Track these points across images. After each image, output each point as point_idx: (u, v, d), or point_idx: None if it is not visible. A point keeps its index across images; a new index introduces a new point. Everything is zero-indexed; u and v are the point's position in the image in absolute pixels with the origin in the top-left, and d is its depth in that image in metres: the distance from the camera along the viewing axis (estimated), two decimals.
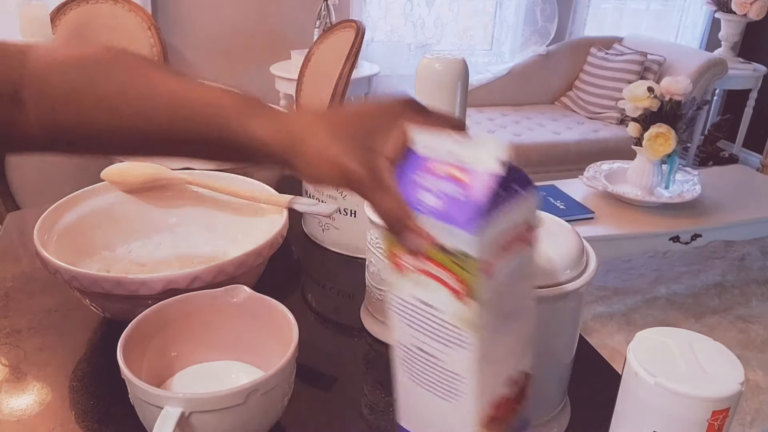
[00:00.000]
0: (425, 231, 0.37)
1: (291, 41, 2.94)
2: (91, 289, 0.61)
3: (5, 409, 0.58)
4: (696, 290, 2.42)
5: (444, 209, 0.37)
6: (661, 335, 0.43)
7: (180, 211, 0.81)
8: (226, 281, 0.61)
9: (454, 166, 0.37)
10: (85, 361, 0.65)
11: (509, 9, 3.33)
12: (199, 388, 0.56)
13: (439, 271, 0.38)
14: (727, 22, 3.36)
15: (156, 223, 0.80)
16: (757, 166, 3.50)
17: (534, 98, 3.43)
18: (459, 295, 0.37)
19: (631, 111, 2.08)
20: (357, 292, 0.77)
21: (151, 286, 0.60)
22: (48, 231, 0.70)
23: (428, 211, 0.37)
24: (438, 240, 0.37)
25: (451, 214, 0.36)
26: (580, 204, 2.12)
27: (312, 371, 0.65)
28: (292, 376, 0.54)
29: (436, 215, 0.37)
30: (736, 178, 2.53)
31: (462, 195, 0.36)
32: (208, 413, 0.48)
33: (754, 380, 1.93)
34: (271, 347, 0.56)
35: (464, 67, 0.70)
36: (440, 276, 0.38)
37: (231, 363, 0.60)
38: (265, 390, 0.50)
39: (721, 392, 0.39)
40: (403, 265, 0.39)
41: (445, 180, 0.37)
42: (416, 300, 0.40)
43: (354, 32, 2.08)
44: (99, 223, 0.76)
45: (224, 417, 0.49)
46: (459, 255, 0.36)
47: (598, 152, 2.90)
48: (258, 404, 0.50)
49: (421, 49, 3.21)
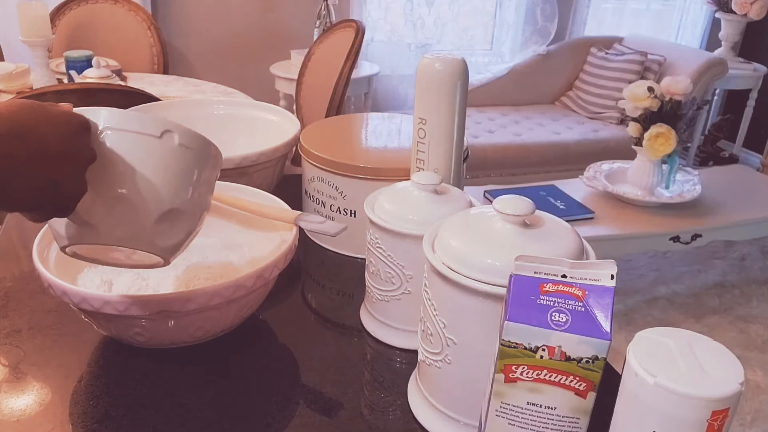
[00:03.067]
0: (555, 346, 0.43)
1: (291, 41, 2.95)
2: (80, 306, 0.59)
3: (5, 409, 0.59)
4: (696, 290, 2.42)
5: (574, 323, 0.42)
6: (661, 335, 0.43)
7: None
8: (220, 304, 0.61)
9: (571, 285, 0.44)
10: (84, 362, 0.66)
11: (509, 9, 3.33)
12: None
13: (558, 377, 0.44)
14: (728, 22, 3.36)
15: None
16: (757, 166, 3.50)
17: (534, 98, 3.43)
18: (581, 392, 0.44)
19: (631, 111, 2.08)
20: (357, 292, 0.77)
21: (141, 306, 0.58)
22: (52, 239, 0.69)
23: (560, 327, 0.42)
24: (566, 351, 0.43)
25: (582, 327, 0.42)
26: (580, 204, 2.12)
27: (311, 371, 0.65)
28: (213, 161, 0.53)
29: (567, 329, 0.42)
30: (737, 178, 2.53)
31: (584, 308, 0.43)
32: (119, 132, 0.47)
33: (754, 380, 1.93)
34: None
35: (464, 67, 0.70)
36: (559, 381, 0.44)
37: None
38: (183, 141, 0.49)
39: (721, 392, 0.39)
40: (518, 378, 0.44)
41: (567, 298, 0.43)
42: (528, 404, 0.45)
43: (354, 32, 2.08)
44: None
45: (136, 144, 0.48)
46: (588, 360, 0.43)
47: (598, 152, 2.90)
48: (172, 154, 0.49)
49: (421, 49, 3.21)
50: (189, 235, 0.55)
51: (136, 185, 0.48)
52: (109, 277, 0.73)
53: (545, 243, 0.51)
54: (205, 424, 0.58)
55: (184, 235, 0.54)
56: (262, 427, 0.58)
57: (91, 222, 0.49)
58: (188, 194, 0.52)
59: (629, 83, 2.20)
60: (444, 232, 0.54)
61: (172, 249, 0.54)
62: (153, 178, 0.49)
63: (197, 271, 0.75)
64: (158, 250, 0.52)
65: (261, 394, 0.62)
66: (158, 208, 0.49)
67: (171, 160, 0.50)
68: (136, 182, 0.48)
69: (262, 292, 0.67)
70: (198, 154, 0.52)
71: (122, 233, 0.49)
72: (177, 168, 0.50)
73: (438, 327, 0.54)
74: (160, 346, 0.65)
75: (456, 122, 0.71)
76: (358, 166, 0.84)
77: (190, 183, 0.52)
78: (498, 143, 2.86)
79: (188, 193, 0.52)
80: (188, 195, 0.52)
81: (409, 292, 0.66)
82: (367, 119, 1.12)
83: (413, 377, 0.63)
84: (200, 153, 0.53)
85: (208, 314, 0.62)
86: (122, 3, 2.40)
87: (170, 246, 0.53)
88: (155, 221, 0.50)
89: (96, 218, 0.49)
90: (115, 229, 0.49)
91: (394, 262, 0.65)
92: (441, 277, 0.51)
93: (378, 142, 0.99)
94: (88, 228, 0.49)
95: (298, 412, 0.60)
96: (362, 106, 3.06)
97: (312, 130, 0.97)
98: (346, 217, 0.87)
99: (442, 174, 0.73)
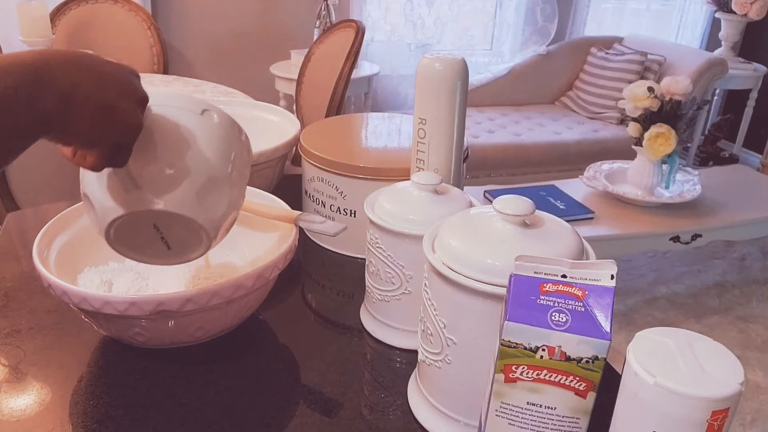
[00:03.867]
0: (555, 346, 0.43)
1: (291, 41, 2.94)
2: (80, 306, 0.59)
3: (5, 409, 0.59)
4: (696, 290, 2.42)
5: (574, 323, 0.43)
6: (661, 335, 0.43)
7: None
8: (220, 304, 0.61)
9: (571, 285, 0.44)
10: (84, 362, 0.66)
11: (509, 9, 3.33)
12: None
13: (558, 377, 0.44)
14: (728, 22, 3.36)
15: None
16: (757, 166, 3.50)
17: (534, 98, 3.43)
18: (581, 392, 0.44)
19: (631, 111, 2.08)
20: (357, 292, 0.77)
21: (140, 306, 0.58)
22: (52, 239, 0.69)
23: (560, 327, 0.43)
24: (566, 351, 0.43)
25: (582, 327, 0.42)
26: (580, 204, 2.12)
27: (312, 371, 0.65)
28: (246, 146, 0.57)
29: (567, 329, 0.42)
30: (737, 178, 2.53)
31: (584, 308, 0.43)
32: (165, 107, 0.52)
33: (754, 380, 1.93)
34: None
35: (464, 67, 0.70)
36: (559, 381, 0.44)
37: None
38: (221, 120, 0.54)
39: (721, 392, 0.39)
40: (518, 378, 0.45)
41: (567, 298, 0.44)
42: (528, 404, 0.45)
43: (354, 32, 2.08)
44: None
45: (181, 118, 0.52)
46: (588, 360, 0.43)
47: (598, 152, 2.90)
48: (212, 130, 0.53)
49: (421, 49, 3.21)
50: (230, 211, 0.57)
51: (182, 153, 0.52)
52: (109, 277, 0.73)
53: (545, 243, 0.51)
54: (205, 424, 0.58)
55: (225, 210, 0.56)
56: (262, 427, 0.58)
57: (139, 184, 0.51)
58: (228, 168, 0.55)
59: (629, 83, 2.20)
60: (444, 232, 0.54)
61: (215, 223, 0.55)
62: (196, 149, 0.52)
63: (197, 271, 0.75)
64: (202, 218, 0.53)
65: (261, 394, 0.62)
66: (202, 175, 0.52)
67: (212, 135, 0.54)
68: (181, 151, 0.52)
69: (262, 292, 0.67)
70: (233, 134, 0.56)
71: (169, 198, 0.51)
72: (217, 142, 0.54)
73: (438, 327, 0.54)
74: (160, 346, 0.65)
75: (456, 122, 0.71)
76: (358, 166, 0.84)
77: (229, 159, 0.55)
78: (498, 143, 2.86)
79: (228, 168, 0.55)
80: (228, 169, 0.55)
81: (409, 292, 0.66)
82: (367, 119, 1.12)
83: (413, 377, 0.63)
84: (234, 134, 0.57)
85: (207, 314, 0.62)
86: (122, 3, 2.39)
87: (213, 219, 0.55)
88: (199, 188, 0.52)
89: (144, 181, 0.51)
90: (162, 193, 0.51)
91: (394, 262, 0.65)
92: (441, 277, 0.51)
93: (378, 142, 0.99)
94: (136, 193, 0.51)
95: (298, 412, 0.60)
96: (362, 106, 3.06)
97: (312, 130, 0.97)
98: (346, 217, 0.87)
99: (442, 174, 0.73)
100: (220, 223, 0.56)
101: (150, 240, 0.56)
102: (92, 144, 0.47)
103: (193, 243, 0.56)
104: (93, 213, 0.54)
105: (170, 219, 0.53)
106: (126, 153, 0.49)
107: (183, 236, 0.55)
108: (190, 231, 0.54)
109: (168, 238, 0.56)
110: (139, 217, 0.53)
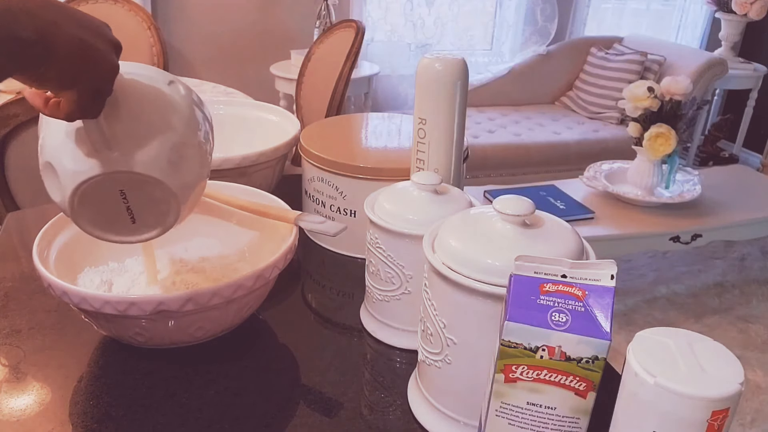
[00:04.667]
0: (555, 346, 0.43)
1: (291, 41, 2.94)
2: (80, 306, 0.59)
3: (5, 409, 0.59)
4: (696, 290, 2.42)
5: (574, 323, 0.42)
6: (661, 335, 0.43)
7: (193, 223, 0.80)
8: (220, 304, 0.61)
9: (571, 285, 0.44)
10: (84, 362, 0.66)
11: (509, 9, 3.33)
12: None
13: (558, 377, 0.44)
14: (728, 22, 3.36)
15: (168, 235, 0.78)
16: (757, 166, 3.50)
17: (534, 98, 3.44)
18: (581, 392, 0.44)
19: (631, 111, 2.08)
20: (357, 292, 0.77)
21: (140, 306, 0.58)
22: (52, 239, 0.69)
23: (560, 327, 0.42)
24: (566, 351, 0.43)
25: (582, 327, 0.42)
26: (580, 204, 2.12)
27: (312, 371, 0.65)
28: (209, 120, 0.59)
29: (567, 329, 0.42)
30: (737, 178, 2.53)
31: (584, 308, 0.43)
32: (136, 75, 0.53)
33: (754, 380, 1.93)
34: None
35: (464, 67, 0.70)
36: (559, 381, 0.44)
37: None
38: (187, 91, 0.56)
39: (721, 392, 0.39)
40: (518, 378, 0.44)
41: (567, 298, 0.43)
42: (528, 404, 0.45)
43: (354, 32, 2.08)
44: None
45: (151, 86, 0.54)
46: (588, 360, 0.43)
47: (598, 152, 2.90)
48: (180, 99, 0.55)
49: (421, 49, 3.21)
50: (198, 181, 0.57)
51: (152, 117, 0.53)
52: (109, 277, 0.73)
53: (545, 243, 0.51)
54: (205, 424, 0.58)
55: (194, 177, 0.56)
56: (262, 427, 0.58)
57: (110, 145, 0.51)
58: (196, 136, 0.56)
59: (629, 83, 2.20)
60: (444, 232, 0.54)
61: (184, 189, 0.55)
62: (166, 114, 0.54)
63: (197, 272, 0.75)
64: (172, 182, 0.54)
65: (261, 394, 0.62)
66: (172, 139, 0.53)
67: (180, 103, 0.55)
68: (151, 114, 0.53)
69: (262, 292, 0.67)
70: (199, 106, 0.58)
71: (140, 159, 0.52)
72: (185, 110, 0.55)
73: (438, 327, 0.54)
74: (160, 346, 0.66)
75: (456, 122, 0.71)
76: (358, 166, 0.84)
77: (197, 128, 0.57)
78: (498, 143, 2.86)
79: (196, 135, 0.56)
80: (196, 137, 0.56)
81: (409, 292, 0.66)
82: (367, 119, 1.12)
83: (413, 377, 0.63)
84: (199, 107, 0.59)
85: (207, 314, 0.62)
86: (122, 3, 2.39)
87: (182, 184, 0.55)
88: (170, 151, 0.53)
89: (115, 141, 0.51)
90: (133, 154, 0.52)
91: (394, 262, 0.65)
92: (441, 277, 0.51)
93: (378, 142, 0.99)
94: (106, 154, 0.51)
95: (298, 412, 0.60)
96: (362, 106, 3.06)
97: (312, 130, 0.97)
98: (346, 217, 0.87)
99: (442, 174, 0.73)
100: (188, 191, 0.56)
101: (114, 212, 0.55)
102: (70, 84, 0.46)
103: (160, 214, 0.56)
104: (56, 181, 0.53)
105: (140, 183, 0.53)
106: (102, 99, 0.49)
107: (149, 206, 0.55)
108: (158, 199, 0.54)
109: (134, 208, 0.55)
110: (107, 182, 0.52)
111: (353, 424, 0.59)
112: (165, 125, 0.53)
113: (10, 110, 1.19)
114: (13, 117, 1.19)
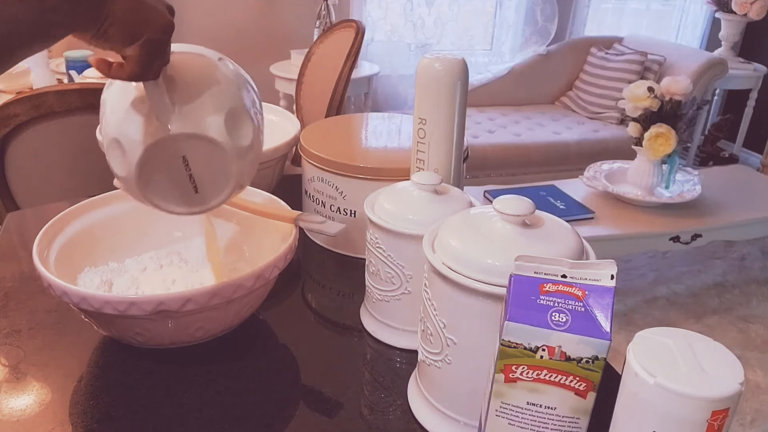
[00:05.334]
0: (555, 346, 0.43)
1: (291, 41, 2.94)
2: (80, 306, 0.59)
3: (5, 409, 0.59)
4: (696, 290, 2.42)
5: (574, 323, 0.42)
6: (661, 335, 0.43)
7: (193, 223, 0.80)
8: (220, 304, 0.61)
9: (571, 285, 0.44)
10: (84, 362, 0.66)
11: (509, 9, 3.33)
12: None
13: (558, 377, 0.44)
14: (728, 22, 3.36)
15: (168, 235, 0.79)
16: (757, 166, 3.50)
17: (534, 98, 3.43)
18: (581, 392, 0.44)
19: (631, 111, 2.08)
20: (357, 292, 0.77)
21: (140, 306, 0.58)
22: (52, 239, 0.69)
23: (560, 327, 0.42)
24: (566, 351, 0.43)
25: (582, 327, 0.42)
26: (580, 204, 2.12)
27: (312, 371, 0.65)
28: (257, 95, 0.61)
29: (567, 329, 0.42)
30: (737, 178, 2.52)
31: (584, 308, 0.43)
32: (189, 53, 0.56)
33: (754, 380, 1.93)
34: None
35: (464, 67, 0.70)
36: (559, 381, 0.44)
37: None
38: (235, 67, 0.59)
39: (721, 392, 0.39)
40: (517, 378, 0.44)
41: (567, 298, 0.43)
42: (528, 404, 0.45)
43: (354, 32, 2.08)
44: (109, 232, 0.76)
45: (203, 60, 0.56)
46: (588, 360, 0.43)
47: (598, 152, 2.90)
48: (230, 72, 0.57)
49: (421, 49, 3.21)
50: (255, 147, 0.59)
51: (206, 86, 0.55)
52: (109, 277, 0.73)
53: (545, 243, 0.51)
54: (205, 424, 0.58)
55: (250, 142, 0.58)
56: (262, 427, 0.58)
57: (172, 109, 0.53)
58: (248, 105, 0.58)
59: (629, 83, 2.20)
60: (444, 232, 0.54)
61: (242, 154, 0.57)
62: (219, 83, 0.56)
63: (197, 272, 0.75)
64: (231, 147, 0.55)
65: (261, 394, 0.62)
66: (226, 104, 0.56)
67: (230, 74, 0.57)
68: (206, 84, 0.55)
69: (262, 292, 0.67)
70: (247, 79, 0.61)
71: (199, 121, 0.54)
72: (235, 80, 0.58)
73: (438, 327, 0.54)
74: (160, 346, 0.66)
75: (456, 122, 0.71)
76: (358, 166, 0.84)
77: (249, 96, 0.59)
78: (498, 143, 2.86)
79: (248, 104, 0.58)
80: (249, 105, 0.58)
81: (409, 292, 0.66)
82: (367, 119, 1.12)
83: (413, 377, 0.63)
84: (248, 80, 0.61)
85: (207, 314, 0.62)
86: None
87: (240, 148, 0.57)
88: (226, 115, 0.55)
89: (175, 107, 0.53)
90: (193, 118, 0.54)
91: (394, 262, 0.65)
92: (441, 277, 0.51)
93: (378, 142, 0.99)
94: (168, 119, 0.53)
95: (298, 412, 0.60)
96: (362, 106, 3.06)
97: (312, 130, 0.97)
98: (346, 217, 0.87)
99: (442, 174, 0.73)
100: (244, 159, 0.57)
101: (178, 181, 0.57)
102: (130, 39, 0.48)
103: (220, 182, 0.57)
104: (122, 156, 0.55)
105: (201, 147, 0.54)
106: (162, 54, 0.51)
107: (210, 174, 0.57)
108: (218, 166, 0.56)
109: (196, 176, 0.57)
110: (170, 147, 0.54)
111: (353, 424, 0.59)
112: (219, 93, 0.55)
113: (10, 110, 1.19)
114: (13, 117, 1.19)
